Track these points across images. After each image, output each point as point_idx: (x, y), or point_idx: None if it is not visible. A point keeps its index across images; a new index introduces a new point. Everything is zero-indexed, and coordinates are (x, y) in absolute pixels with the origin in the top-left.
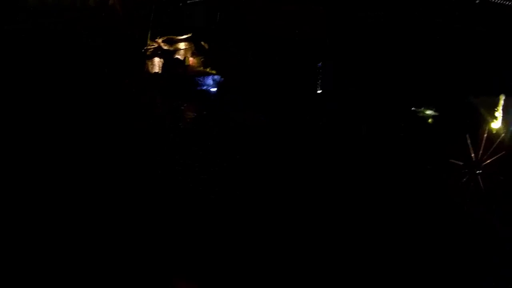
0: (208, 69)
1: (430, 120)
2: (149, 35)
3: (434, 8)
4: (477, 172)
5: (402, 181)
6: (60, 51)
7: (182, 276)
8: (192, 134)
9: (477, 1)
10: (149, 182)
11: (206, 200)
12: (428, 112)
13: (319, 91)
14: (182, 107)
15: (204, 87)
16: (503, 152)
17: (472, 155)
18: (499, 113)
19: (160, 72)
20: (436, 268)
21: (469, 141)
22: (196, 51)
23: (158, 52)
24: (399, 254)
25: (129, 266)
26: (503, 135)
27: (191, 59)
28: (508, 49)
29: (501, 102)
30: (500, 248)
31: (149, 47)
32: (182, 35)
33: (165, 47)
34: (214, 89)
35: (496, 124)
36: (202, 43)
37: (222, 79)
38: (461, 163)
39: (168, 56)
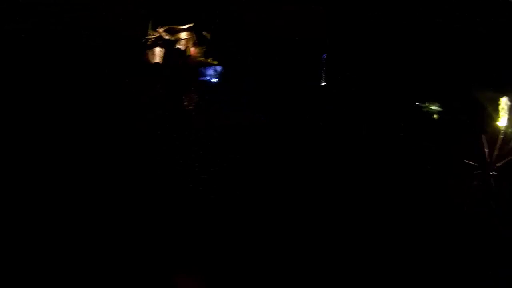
0: (210, 60)
1: (435, 116)
2: (150, 24)
3: (434, 8)
4: (491, 173)
5: (403, 181)
6: (60, 51)
7: (182, 276)
8: (192, 134)
9: None
10: (149, 182)
11: (206, 200)
12: (433, 107)
13: (315, 87)
14: (182, 104)
15: (206, 78)
16: None
17: (486, 154)
18: (503, 111)
19: (161, 62)
20: (436, 268)
21: (484, 140)
22: (198, 41)
23: (159, 42)
24: (399, 254)
25: (129, 266)
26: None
27: (192, 49)
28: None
29: (505, 99)
30: (500, 248)
31: (149, 36)
32: (184, 25)
33: (166, 37)
34: (216, 80)
35: (502, 122)
36: (204, 33)
37: (224, 70)
38: (475, 164)
39: (169, 46)
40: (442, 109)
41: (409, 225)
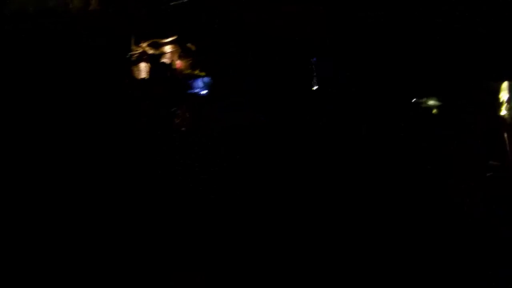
0: (196, 72)
1: (434, 111)
2: (133, 40)
3: (434, 8)
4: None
5: (404, 181)
6: (60, 51)
7: (182, 276)
8: (191, 134)
9: None
10: (149, 182)
11: (206, 200)
12: (431, 102)
13: (315, 88)
14: (180, 108)
15: (194, 90)
16: None
17: (509, 154)
18: (504, 101)
19: (147, 77)
20: (436, 268)
21: (506, 139)
22: (182, 53)
23: (144, 57)
24: (399, 253)
25: (129, 266)
26: None
27: (178, 62)
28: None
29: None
30: (500, 248)
31: (133, 52)
32: (167, 38)
33: (151, 51)
34: (204, 92)
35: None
36: (189, 45)
37: (212, 81)
38: (498, 164)
39: (154, 61)
40: (443, 110)
41: (409, 224)
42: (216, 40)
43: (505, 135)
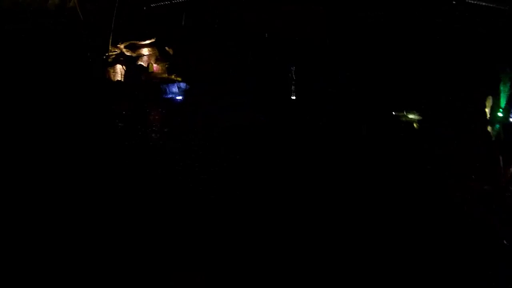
0: (173, 76)
1: (415, 125)
2: (110, 40)
3: (434, 8)
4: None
5: (403, 181)
6: (60, 51)
7: (182, 276)
8: (192, 134)
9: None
10: (149, 182)
11: (206, 200)
12: (412, 116)
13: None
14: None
15: (170, 95)
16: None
17: (503, 176)
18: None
19: (122, 80)
20: (436, 268)
21: (501, 160)
22: (160, 56)
23: (120, 58)
24: (399, 254)
25: (129, 267)
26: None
27: (155, 65)
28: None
29: (489, 102)
30: (500, 248)
31: (110, 53)
32: (145, 40)
33: (128, 53)
34: (180, 97)
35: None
36: (167, 48)
37: (188, 86)
38: (491, 188)
39: (131, 63)
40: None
41: (409, 224)
42: (216, 40)
43: (497, 152)
